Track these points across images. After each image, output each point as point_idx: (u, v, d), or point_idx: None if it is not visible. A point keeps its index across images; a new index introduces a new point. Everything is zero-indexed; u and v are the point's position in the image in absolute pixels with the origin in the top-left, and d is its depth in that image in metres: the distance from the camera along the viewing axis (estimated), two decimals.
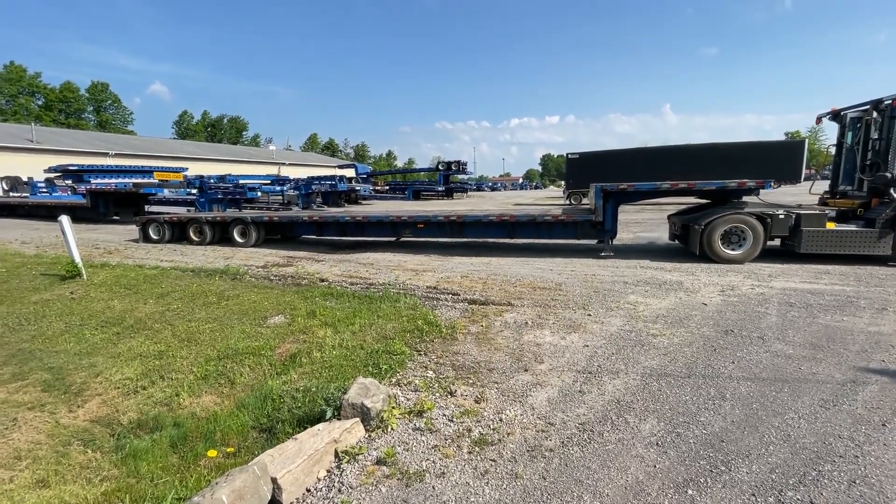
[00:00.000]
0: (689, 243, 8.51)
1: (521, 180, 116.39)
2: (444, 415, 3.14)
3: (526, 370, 3.81)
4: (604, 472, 2.51)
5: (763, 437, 2.79)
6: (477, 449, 2.75)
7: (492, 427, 2.98)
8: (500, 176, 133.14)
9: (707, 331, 4.63)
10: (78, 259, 7.84)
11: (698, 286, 6.43)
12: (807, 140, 26.59)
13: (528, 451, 2.72)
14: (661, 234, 11.48)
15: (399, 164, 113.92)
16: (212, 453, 2.87)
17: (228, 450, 2.94)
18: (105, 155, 40.12)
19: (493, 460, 2.64)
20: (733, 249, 8.04)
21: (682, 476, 2.45)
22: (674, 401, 3.25)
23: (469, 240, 10.82)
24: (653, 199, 12.26)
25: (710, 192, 9.03)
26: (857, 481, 2.37)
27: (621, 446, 2.74)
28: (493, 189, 69.38)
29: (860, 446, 2.66)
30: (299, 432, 2.80)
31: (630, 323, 4.91)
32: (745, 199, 8.79)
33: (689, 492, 2.32)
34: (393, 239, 11.08)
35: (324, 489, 2.45)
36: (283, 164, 58.80)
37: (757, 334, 4.49)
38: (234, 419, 3.28)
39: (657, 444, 2.75)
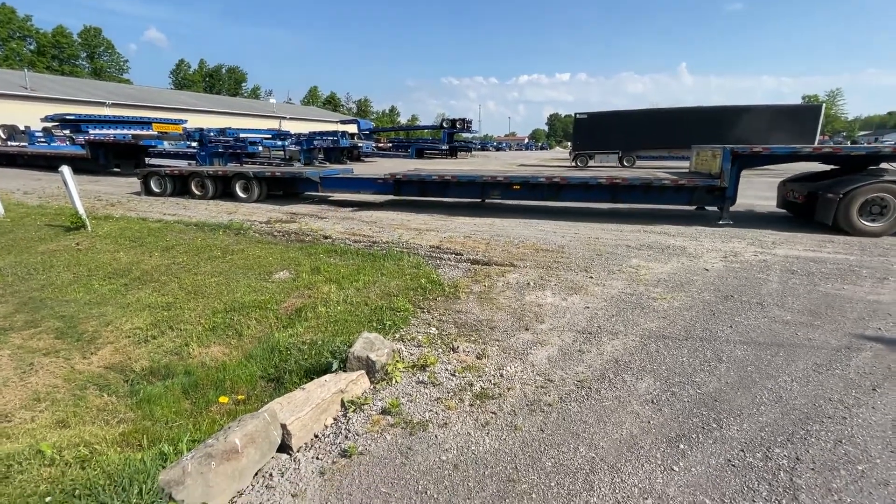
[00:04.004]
0: (816, 213, 7.75)
1: (526, 140, 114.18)
2: (447, 369, 3.23)
3: (527, 329, 3.89)
4: (600, 426, 2.62)
5: (755, 397, 2.88)
6: (478, 402, 2.85)
7: (493, 382, 3.07)
8: (506, 135, 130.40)
9: (707, 296, 4.67)
10: (81, 210, 7.84)
11: (701, 251, 6.44)
12: (824, 105, 25.76)
13: (527, 405, 2.82)
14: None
15: (402, 120, 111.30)
16: (223, 399, 2.99)
17: (239, 397, 3.06)
18: (102, 104, 39.18)
19: (494, 413, 2.74)
20: (873, 222, 7.31)
21: (674, 432, 2.55)
22: (671, 362, 3.33)
23: (566, 204, 10.13)
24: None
25: (855, 158, 8.05)
26: (843, 441, 2.46)
27: (617, 403, 2.84)
28: (497, 149, 68.32)
29: (849, 409, 2.75)
30: (306, 383, 2.90)
31: (631, 286, 4.96)
32: (882, 166, 7.96)
33: (681, 446, 2.43)
34: (479, 200, 10.47)
35: (331, 435, 2.57)
36: (284, 118, 57.39)
37: (756, 300, 4.54)
38: (243, 369, 3.38)
39: (652, 401, 2.85)
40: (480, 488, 2.16)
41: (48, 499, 1.92)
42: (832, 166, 8.64)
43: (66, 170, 7.90)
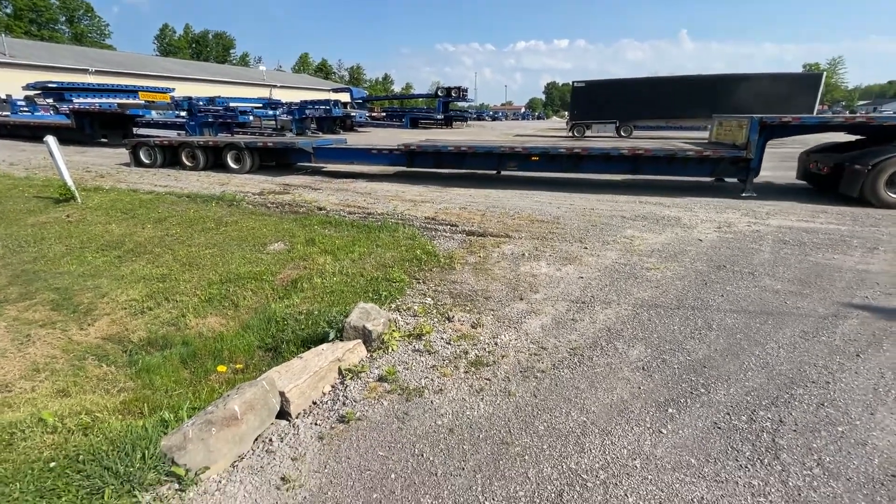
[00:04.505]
0: (841, 185, 7.61)
1: (523, 110, 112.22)
2: (442, 338, 3.28)
3: (521, 299, 3.93)
4: (591, 391, 2.68)
5: (743, 363, 2.95)
6: (473, 369, 2.91)
7: (487, 350, 3.13)
8: (502, 105, 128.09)
9: (700, 266, 4.72)
10: (70, 182, 7.70)
11: (695, 222, 6.46)
12: (824, 73, 25.31)
13: (520, 372, 2.88)
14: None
15: (396, 89, 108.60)
16: (221, 369, 3.03)
17: (237, 366, 3.10)
18: (85, 72, 37.94)
19: (488, 379, 2.80)
20: None
21: (664, 396, 2.63)
22: (662, 330, 3.39)
23: (586, 176, 9.93)
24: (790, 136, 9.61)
25: (887, 129, 7.74)
26: (826, 404, 2.55)
27: (609, 370, 2.90)
28: (493, 118, 67.13)
29: (833, 374, 2.84)
30: (304, 352, 2.94)
31: (625, 256, 4.99)
32: None
33: (670, 410, 2.50)
34: (493, 172, 10.20)
35: (329, 402, 2.62)
36: (275, 86, 55.99)
37: (748, 270, 4.59)
38: (241, 339, 3.42)
39: (643, 368, 2.92)
40: (475, 451, 2.23)
41: (52, 464, 1.96)
42: (858, 137, 8.37)
43: (51, 140, 7.70)
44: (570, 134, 26.36)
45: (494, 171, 10.21)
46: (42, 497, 1.81)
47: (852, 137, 8.54)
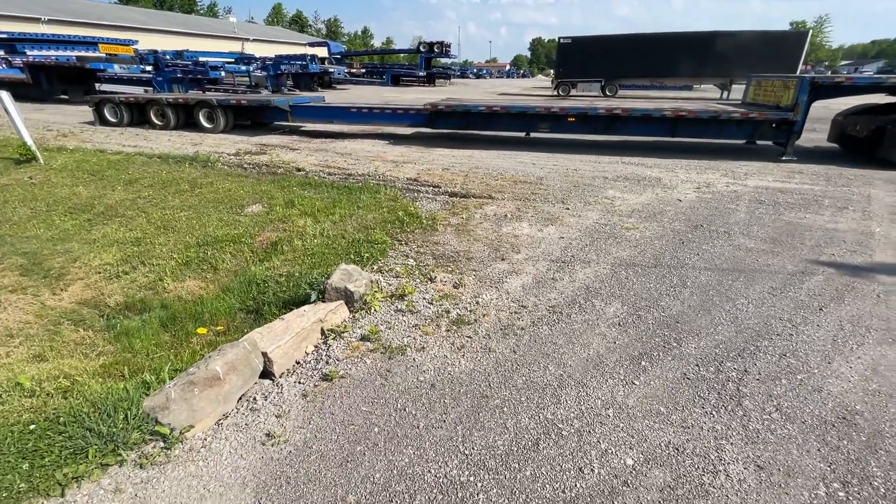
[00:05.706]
0: (881, 149, 7.47)
1: (508, 67, 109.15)
2: (424, 298, 3.31)
3: (503, 259, 3.96)
4: (569, 347, 2.77)
5: (714, 318, 3.07)
6: (454, 328, 2.96)
7: (469, 309, 3.18)
8: (487, 62, 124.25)
9: (678, 225, 4.81)
10: (30, 141, 7.29)
11: (676, 183, 6.52)
12: (810, 32, 25.05)
13: (501, 329, 2.95)
14: None
15: (376, 43, 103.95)
16: (202, 331, 3.01)
17: (218, 328, 3.09)
18: (37, 21, 35.07)
19: (469, 337, 2.86)
20: None
21: (637, 350, 2.73)
22: (639, 288, 3.49)
23: (621, 138, 9.58)
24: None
25: None
26: (788, 354, 2.69)
27: (586, 326, 2.99)
28: (477, 76, 65.28)
29: (796, 327, 2.98)
30: (285, 314, 2.93)
31: (606, 217, 5.04)
32: None
33: (643, 363, 2.61)
34: (522, 135, 9.81)
35: (312, 361, 2.65)
36: (247, 39, 52.97)
37: (724, 229, 4.70)
38: (221, 302, 3.39)
39: (619, 324, 3.01)
40: (456, 404, 2.30)
41: (32, 426, 1.96)
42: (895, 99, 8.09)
43: (4, 95, 7.20)
44: (556, 93, 25.85)
45: (524, 134, 9.83)
46: (24, 458, 1.82)
47: (892, 99, 8.20)
